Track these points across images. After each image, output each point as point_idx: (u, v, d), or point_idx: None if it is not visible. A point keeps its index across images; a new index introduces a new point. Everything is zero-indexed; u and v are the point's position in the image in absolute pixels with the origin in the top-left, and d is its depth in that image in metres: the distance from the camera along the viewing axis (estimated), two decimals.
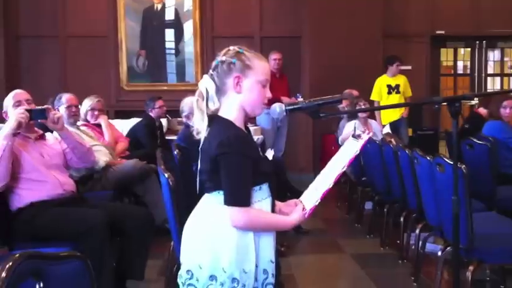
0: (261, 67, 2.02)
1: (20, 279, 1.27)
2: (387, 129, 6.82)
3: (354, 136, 2.16)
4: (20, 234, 3.25)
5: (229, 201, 1.92)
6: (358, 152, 2.07)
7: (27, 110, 3.29)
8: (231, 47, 2.04)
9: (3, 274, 1.22)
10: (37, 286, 1.34)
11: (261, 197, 2.00)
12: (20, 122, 3.22)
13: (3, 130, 3.24)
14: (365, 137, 2.11)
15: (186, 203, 2.81)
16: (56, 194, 3.35)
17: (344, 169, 2.04)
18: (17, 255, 1.30)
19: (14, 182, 3.25)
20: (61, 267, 1.47)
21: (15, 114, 3.24)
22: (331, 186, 2.01)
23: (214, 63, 2.03)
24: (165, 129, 6.76)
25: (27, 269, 1.30)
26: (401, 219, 4.51)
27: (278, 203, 2.12)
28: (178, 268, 2.09)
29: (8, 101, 3.45)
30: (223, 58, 2.00)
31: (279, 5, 8.71)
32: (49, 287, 1.38)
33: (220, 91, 2.01)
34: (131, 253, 3.44)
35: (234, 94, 2.00)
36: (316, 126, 7.97)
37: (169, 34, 8.70)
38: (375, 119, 7.15)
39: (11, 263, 1.25)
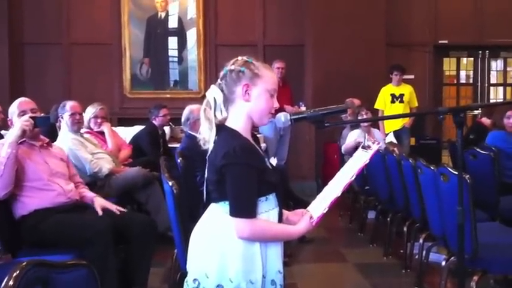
0: (269, 77, 2.04)
1: (27, 287, 1.27)
2: (391, 138, 6.82)
3: (363, 147, 2.16)
4: (23, 241, 3.26)
5: (235, 212, 1.91)
6: (367, 161, 2.07)
7: (31, 118, 3.30)
8: (239, 57, 2.05)
9: (11, 282, 1.22)
10: None
11: (268, 208, 1.99)
12: (24, 130, 3.23)
13: (8, 138, 3.25)
14: (374, 147, 2.12)
15: (189, 211, 2.82)
16: (60, 202, 3.35)
17: (353, 178, 2.04)
18: (24, 263, 1.30)
19: (18, 189, 3.25)
20: (67, 275, 1.47)
21: (19, 121, 3.26)
22: (339, 194, 2.01)
23: (222, 73, 2.03)
24: (167, 137, 6.76)
25: (34, 277, 1.30)
26: (405, 228, 4.50)
27: (285, 212, 2.11)
28: (182, 276, 2.08)
29: (13, 109, 3.45)
30: (232, 67, 2.01)
31: (282, 14, 8.73)
32: None
33: (228, 100, 2.01)
34: (134, 260, 3.44)
35: (242, 102, 2.00)
36: (319, 134, 7.96)
37: (173, 42, 8.72)
38: (378, 128, 7.16)
39: (18, 271, 1.25)
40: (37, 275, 1.32)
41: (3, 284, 1.22)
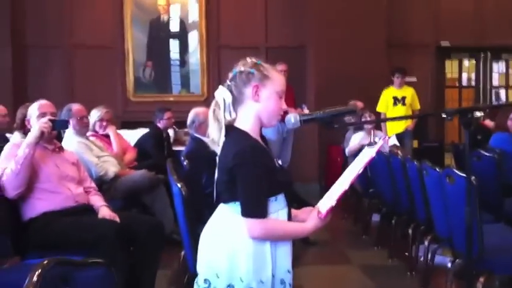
0: (278, 78, 2.06)
1: (49, 284, 1.29)
2: (393, 141, 6.83)
3: (369, 144, 2.18)
4: (31, 244, 3.26)
5: (246, 212, 1.94)
6: (374, 155, 2.07)
7: (50, 120, 3.35)
8: (248, 59, 2.07)
9: (35, 279, 1.24)
10: None
11: (278, 208, 2.01)
12: (43, 131, 3.28)
13: (26, 138, 3.29)
14: (380, 142, 2.13)
15: (195, 213, 2.83)
16: (67, 206, 3.37)
17: (360, 171, 2.04)
18: (46, 261, 1.32)
19: (27, 191, 3.27)
20: (86, 273, 1.49)
21: (38, 123, 3.30)
22: (347, 188, 2.01)
23: (231, 74, 2.05)
24: (171, 140, 6.77)
25: (55, 274, 1.32)
26: (410, 231, 4.50)
27: (293, 210, 2.12)
28: (190, 278, 2.09)
29: (33, 110, 3.49)
30: (242, 68, 2.04)
31: (283, 16, 8.75)
32: None
33: (237, 101, 2.03)
34: (142, 263, 3.44)
35: (252, 103, 2.03)
36: (322, 137, 7.98)
37: (175, 45, 8.75)
38: (381, 130, 7.17)
39: (40, 270, 1.27)
40: (58, 272, 1.34)
41: (26, 281, 1.24)
